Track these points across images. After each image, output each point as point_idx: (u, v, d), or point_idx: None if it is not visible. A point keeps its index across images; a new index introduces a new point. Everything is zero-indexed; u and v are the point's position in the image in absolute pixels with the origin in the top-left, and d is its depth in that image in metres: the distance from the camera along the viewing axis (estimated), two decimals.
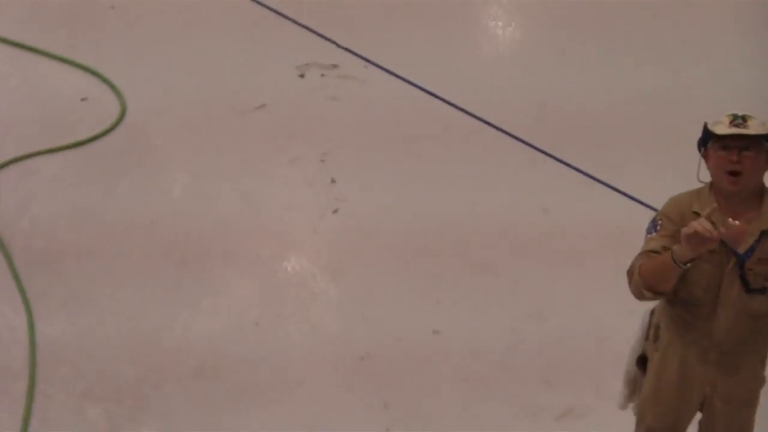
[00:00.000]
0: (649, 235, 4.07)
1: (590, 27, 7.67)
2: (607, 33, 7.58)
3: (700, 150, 4.04)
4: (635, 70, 7.25)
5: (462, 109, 6.97)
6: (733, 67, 7.26)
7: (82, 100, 6.86)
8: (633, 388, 4.46)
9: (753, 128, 3.92)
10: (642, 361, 4.36)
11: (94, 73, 7.00)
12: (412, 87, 7.13)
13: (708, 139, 3.98)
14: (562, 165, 6.51)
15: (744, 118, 3.95)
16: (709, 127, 3.98)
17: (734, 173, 3.92)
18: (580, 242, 5.93)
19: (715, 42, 7.50)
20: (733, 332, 4.03)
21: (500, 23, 7.84)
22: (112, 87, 6.91)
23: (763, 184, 4.02)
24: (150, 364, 5.39)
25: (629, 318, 4.52)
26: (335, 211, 6.29)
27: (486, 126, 6.86)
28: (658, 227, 4.05)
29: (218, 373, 5.39)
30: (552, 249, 5.94)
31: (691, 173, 4.05)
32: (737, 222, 3.85)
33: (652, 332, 4.30)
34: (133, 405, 5.20)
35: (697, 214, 3.91)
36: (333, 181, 6.47)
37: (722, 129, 3.94)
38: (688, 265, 3.84)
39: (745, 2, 7.82)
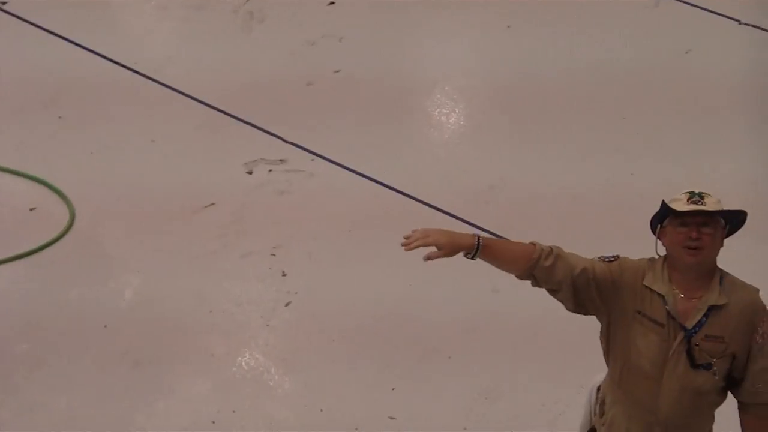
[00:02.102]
0: (599, 257, 4.13)
1: (533, 110, 7.78)
2: (549, 116, 7.69)
3: (653, 227, 4.10)
4: (580, 157, 7.38)
5: (410, 196, 7.03)
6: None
7: (31, 210, 6.88)
8: None
9: (710, 205, 3.98)
10: None
11: (42, 183, 7.02)
12: (359, 177, 7.20)
13: (665, 216, 4.04)
14: None
15: (701, 196, 4.01)
16: (668, 203, 4.03)
17: (694, 248, 3.98)
18: (533, 319, 5.97)
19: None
20: (678, 408, 4.03)
21: (444, 110, 7.94)
22: (61, 195, 6.94)
23: (715, 262, 4.07)
24: None
25: (581, 393, 4.54)
26: (287, 304, 6.31)
27: (435, 211, 6.92)
28: (608, 260, 4.10)
29: None
30: (498, 327, 5.98)
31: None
32: None
33: (598, 407, 4.32)
34: None
35: (647, 288, 3.99)
36: (284, 274, 6.50)
37: (681, 206, 3.99)
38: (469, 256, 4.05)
39: None
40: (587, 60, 8.20)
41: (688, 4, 8.60)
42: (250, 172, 7.25)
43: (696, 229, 3.97)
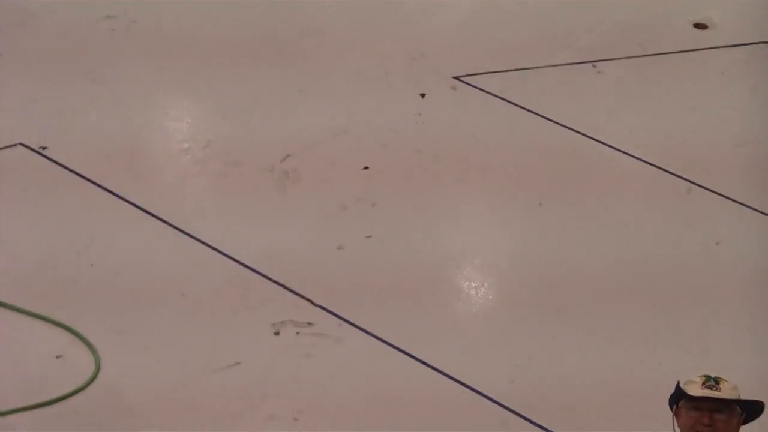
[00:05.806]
0: None
1: (562, 292, 7.79)
2: (578, 300, 7.69)
3: (671, 407, 4.08)
4: (608, 344, 7.36)
5: (435, 368, 7.02)
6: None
7: (57, 357, 6.87)
8: None
9: (725, 392, 3.97)
10: None
11: (69, 330, 7.03)
12: (386, 345, 7.19)
13: (680, 398, 4.02)
14: (536, 427, 6.53)
15: (717, 381, 4.00)
16: (682, 386, 4.02)
17: None
18: None
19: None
20: None
21: (473, 283, 7.97)
22: (87, 344, 6.93)
23: None
24: None
25: None
26: None
27: (459, 385, 6.89)
28: None
29: None
30: None
31: None
32: None
33: None
34: None
35: None
36: None
37: (695, 390, 3.98)
38: None
39: None
40: (616, 245, 8.23)
41: (720, 195, 8.66)
42: (277, 333, 7.24)
43: (709, 415, 3.94)
